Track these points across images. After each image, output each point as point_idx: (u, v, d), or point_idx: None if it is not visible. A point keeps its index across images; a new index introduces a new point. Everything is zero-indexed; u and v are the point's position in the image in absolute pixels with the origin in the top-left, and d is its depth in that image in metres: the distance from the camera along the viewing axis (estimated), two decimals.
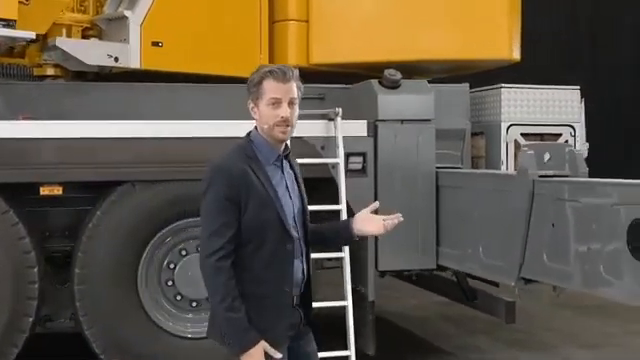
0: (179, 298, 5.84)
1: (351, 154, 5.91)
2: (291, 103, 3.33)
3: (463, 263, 5.88)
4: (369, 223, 3.53)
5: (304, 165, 3.81)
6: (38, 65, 6.21)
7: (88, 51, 5.98)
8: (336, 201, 5.75)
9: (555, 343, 7.45)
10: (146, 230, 5.67)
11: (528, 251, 4.95)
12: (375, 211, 3.57)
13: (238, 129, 5.44)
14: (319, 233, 3.63)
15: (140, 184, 5.60)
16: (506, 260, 5.18)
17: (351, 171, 5.91)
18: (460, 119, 6.52)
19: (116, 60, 5.96)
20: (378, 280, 6.27)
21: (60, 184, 5.47)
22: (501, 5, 6.84)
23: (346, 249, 5.76)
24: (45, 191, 5.45)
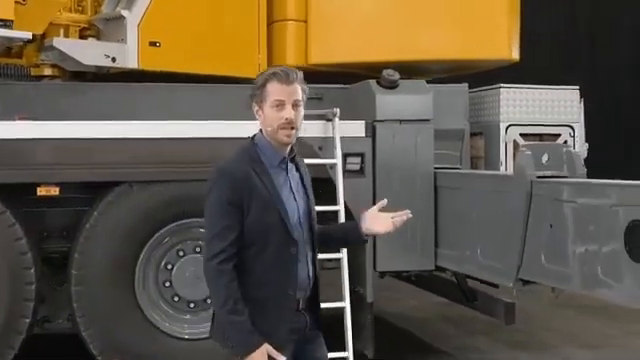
0: (176, 299, 5.83)
1: (349, 154, 5.89)
2: (295, 105, 3.31)
3: (461, 264, 5.86)
4: (377, 222, 3.48)
5: None
6: (35, 65, 6.19)
7: (85, 51, 5.96)
8: (334, 202, 5.73)
9: (555, 343, 7.43)
10: (143, 231, 5.66)
11: (526, 252, 4.92)
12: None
13: (236, 129, 5.56)
14: (328, 235, 3.61)
15: (137, 185, 5.59)
16: (504, 261, 5.16)
17: (349, 172, 5.89)
18: (459, 119, 6.49)
19: (113, 60, 5.94)
20: (378, 281, 6.25)
21: (57, 184, 5.46)
22: (500, 5, 6.83)
23: (344, 250, 5.74)
24: (42, 192, 5.43)
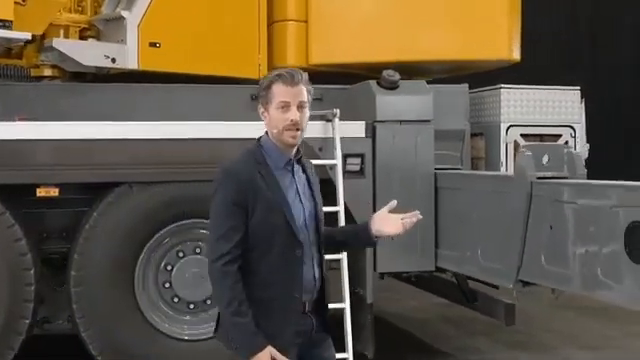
0: (176, 300, 5.82)
1: (349, 155, 5.88)
2: (300, 107, 3.29)
3: (462, 265, 5.85)
4: (387, 223, 3.44)
5: None
6: (35, 66, 6.19)
7: (85, 52, 5.96)
8: (334, 203, 5.72)
9: (555, 344, 7.41)
10: (143, 232, 5.65)
11: (526, 253, 4.91)
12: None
13: (236, 130, 5.57)
14: (337, 237, 3.61)
15: (137, 185, 5.58)
16: (504, 262, 5.15)
17: (349, 172, 5.87)
18: (459, 120, 6.48)
19: (113, 61, 5.94)
20: (378, 281, 6.23)
21: (57, 185, 5.45)
22: (501, 5, 6.82)
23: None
24: (41, 192, 5.43)
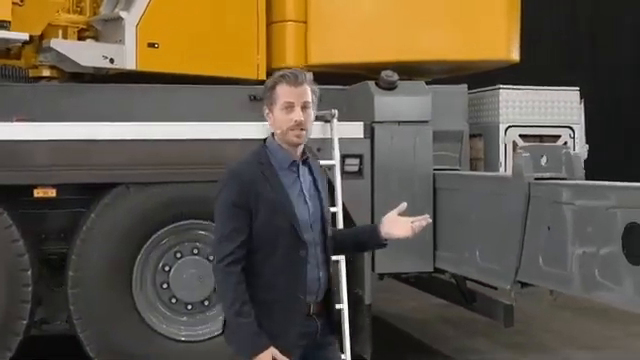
0: (174, 301, 5.81)
1: (347, 156, 5.87)
2: (304, 107, 3.29)
3: (460, 266, 5.84)
4: (396, 226, 3.44)
5: None
6: (34, 66, 6.18)
7: (83, 52, 5.96)
8: (332, 203, 5.71)
9: (554, 345, 7.41)
10: (141, 232, 5.64)
11: (524, 254, 4.89)
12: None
13: (234, 131, 5.57)
14: (347, 238, 3.62)
15: (134, 186, 5.57)
16: (502, 263, 5.13)
17: (347, 173, 5.86)
18: (458, 120, 6.47)
19: (111, 61, 5.94)
20: (377, 282, 6.22)
21: (54, 186, 5.44)
22: (500, 6, 6.81)
23: None
24: (39, 193, 5.42)
